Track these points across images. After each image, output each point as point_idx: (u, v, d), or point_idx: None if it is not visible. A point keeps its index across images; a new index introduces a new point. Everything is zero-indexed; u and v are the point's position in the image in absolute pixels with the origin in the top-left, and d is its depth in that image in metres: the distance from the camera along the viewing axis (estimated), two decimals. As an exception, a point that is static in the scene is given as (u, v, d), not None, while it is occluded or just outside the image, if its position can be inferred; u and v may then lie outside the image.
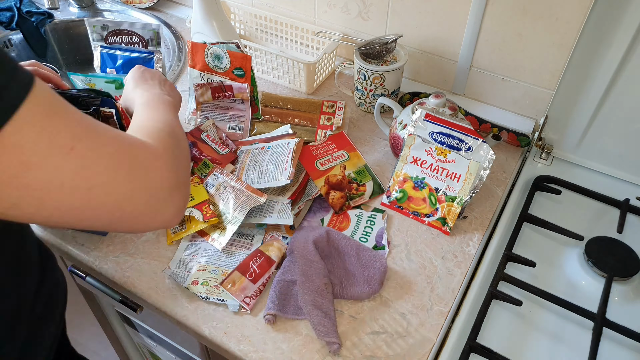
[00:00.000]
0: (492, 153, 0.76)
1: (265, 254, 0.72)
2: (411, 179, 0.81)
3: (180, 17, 1.25)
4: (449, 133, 0.78)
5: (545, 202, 0.85)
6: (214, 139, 0.86)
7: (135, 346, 1.14)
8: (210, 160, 0.82)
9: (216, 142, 0.85)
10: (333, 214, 0.80)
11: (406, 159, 0.81)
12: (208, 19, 0.92)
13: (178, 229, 0.77)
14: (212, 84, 0.90)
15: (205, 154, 0.84)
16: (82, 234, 0.78)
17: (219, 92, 0.91)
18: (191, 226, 0.76)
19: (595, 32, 0.75)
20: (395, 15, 0.96)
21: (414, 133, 0.80)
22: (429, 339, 0.67)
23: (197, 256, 0.74)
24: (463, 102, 0.97)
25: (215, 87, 0.90)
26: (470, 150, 0.77)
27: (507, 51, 0.88)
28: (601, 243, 0.76)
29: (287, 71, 1.02)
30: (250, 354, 0.65)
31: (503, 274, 0.74)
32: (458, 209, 0.78)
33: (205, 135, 0.86)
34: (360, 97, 0.98)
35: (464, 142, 0.77)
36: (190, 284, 0.71)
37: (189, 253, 0.75)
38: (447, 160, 0.78)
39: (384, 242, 0.77)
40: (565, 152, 0.91)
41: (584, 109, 0.84)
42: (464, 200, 0.77)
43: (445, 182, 0.79)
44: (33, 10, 1.16)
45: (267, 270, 0.71)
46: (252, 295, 0.69)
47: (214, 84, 0.90)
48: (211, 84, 0.90)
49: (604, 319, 0.68)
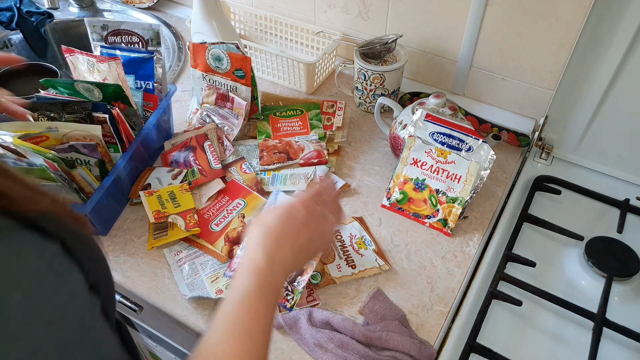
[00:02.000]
0: (492, 153, 0.76)
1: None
2: (411, 180, 0.81)
3: (180, 17, 1.25)
4: (450, 133, 0.78)
5: (545, 202, 0.85)
6: (213, 150, 0.85)
7: (135, 346, 1.13)
8: (200, 171, 0.82)
9: (214, 154, 0.85)
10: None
11: (406, 160, 0.81)
12: (208, 19, 0.92)
13: (160, 234, 0.76)
14: (219, 90, 0.91)
15: (198, 162, 0.83)
16: (82, 234, 0.78)
17: (222, 100, 0.91)
18: (173, 234, 0.76)
19: (595, 32, 0.75)
20: (395, 15, 0.96)
21: (414, 134, 0.80)
22: (429, 339, 0.67)
23: (199, 274, 0.73)
24: (463, 102, 0.97)
25: (222, 94, 0.91)
26: (470, 150, 0.77)
27: (507, 51, 0.88)
28: (601, 243, 0.76)
29: (287, 71, 1.02)
30: (251, 354, 0.65)
31: (503, 274, 0.74)
32: (459, 209, 0.78)
33: (208, 144, 0.85)
34: (360, 97, 0.98)
35: (464, 142, 0.77)
36: (215, 294, 0.70)
37: (187, 274, 0.73)
38: (447, 161, 0.78)
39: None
40: (565, 152, 0.91)
41: (584, 109, 0.84)
42: (465, 200, 0.77)
43: (445, 183, 0.78)
44: (33, 10, 1.16)
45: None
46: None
47: (221, 90, 0.91)
48: (219, 89, 0.91)
49: (604, 319, 0.68)
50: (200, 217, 0.78)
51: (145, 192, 0.79)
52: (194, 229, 0.75)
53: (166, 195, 0.79)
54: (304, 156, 0.88)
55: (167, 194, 0.79)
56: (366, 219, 0.81)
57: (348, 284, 0.72)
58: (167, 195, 0.79)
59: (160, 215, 0.76)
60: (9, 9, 1.14)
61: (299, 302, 0.69)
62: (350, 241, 0.77)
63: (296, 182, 0.84)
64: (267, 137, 0.91)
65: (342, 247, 0.76)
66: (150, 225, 0.78)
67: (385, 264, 0.74)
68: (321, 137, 0.91)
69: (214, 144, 0.86)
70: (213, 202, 0.81)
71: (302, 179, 0.84)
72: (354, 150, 0.93)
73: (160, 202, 0.78)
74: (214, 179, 0.82)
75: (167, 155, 0.87)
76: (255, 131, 0.93)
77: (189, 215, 0.76)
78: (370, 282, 0.73)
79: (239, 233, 0.76)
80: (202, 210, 0.79)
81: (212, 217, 0.79)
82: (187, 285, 0.72)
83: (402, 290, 0.72)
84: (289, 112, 0.96)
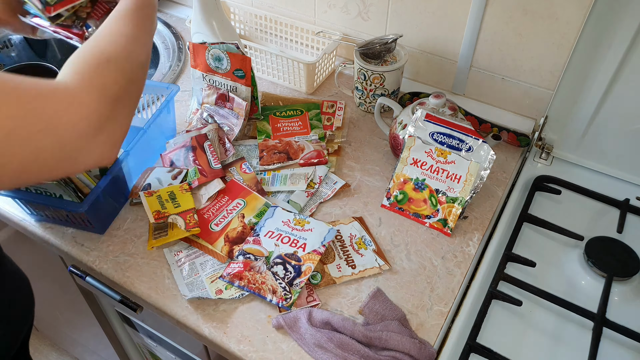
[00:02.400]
0: (492, 153, 0.76)
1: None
2: (411, 180, 0.81)
3: (180, 17, 1.25)
4: (450, 133, 0.78)
5: (545, 202, 0.85)
6: (213, 150, 0.85)
7: (135, 346, 1.14)
8: (199, 171, 0.82)
9: (214, 154, 0.85)
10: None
11: (406, 160, 0.81)
12: (208, 19, 0.92)
13: (160, 234, 0.76)
14: (219, 90, 0.91)
15: (198, 162, 0.83)
16: (82, 234, 0.78)
17: (222, 100, 0.91)
18: (173, 234, 0.75)
19: (595, 32, 0.75)
20: (395, 15, 0.96)
21: (414, 134, 0.80)
22: (429, 339, 0.67)
23: (199, 274, 0.73)
24: (463, 102, 0.97)
25: (222, 94, 0.91)
26: (470, 150, 0.77)
27: (507, 51, 0.88)
28: (601, 243, 0.76)
29: (287, 71, 1.02)
30: (250, 354, 0.65)
31: (503, 274, 0.74)
32: (459, 209, 0.78)
33: (208, 144, 0.85)
34: (360, 97, 0.98)
35: (464, 142, 0.77)
36: (215, 294, 0.70)
37: (187, 274, 0.73)
38: (447, 161, 0.78)
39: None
40: (565, 152, 0.91)
41: (584, 109, 0.84)
42: (465, 201, 0.77)
43: (445, 183, 0.78)
44: (33, 10, 1.16)
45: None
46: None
47: (221, 90, 0.91)
48: (219, 90, 0.91)
49: (604, 319, 0.68)
50: (200, 217, 0.78)
51: (145, 192, 0.79)
52: (193, 229, 0.75)
53: (166, 195, 0.79)
54: (303, 156, 0.88)
55: (167, 194, 0.79)
56: (366, 219, 0.81)
57: (348, 284, 0.72)
58: (167, 195, 0.79)
59: (160, 215, 0.76)
60: (9, 9, 1.14)
61: (298, 302, 0.69)
62: (350, 241, 0.77)
63: (296, 182, 0.84)
64: (267, 137, 0.91)
65: (342, 247, 0.76)
66: (150, 225, 0.78)
67: (385, 263, 0.74)
68: (321, 137, 0.91)
69: (214, 144, 0.86)
70: (213, 202, 0.81)
71: (302, 178, 0.84)
72: (354, 150, 0.93)
73: (160, 202, 0.78)
74: (214, 179, 0.82)
75: (167, 155, 0.87)
76: (255, 131, 0.93)
77: (189, 215, 0.76)
78: (370, 282, 0.73)
79: (239, 233, 0.77)
80: (202, 210, 0.79)
81: (212, 217, 0.79)
82: (187, 286, 0.72)
83: (402, 290, 0.72)
84: (289, 112, 0.96)
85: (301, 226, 0.76)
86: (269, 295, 0.69)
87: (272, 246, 0.74)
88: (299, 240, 0.74)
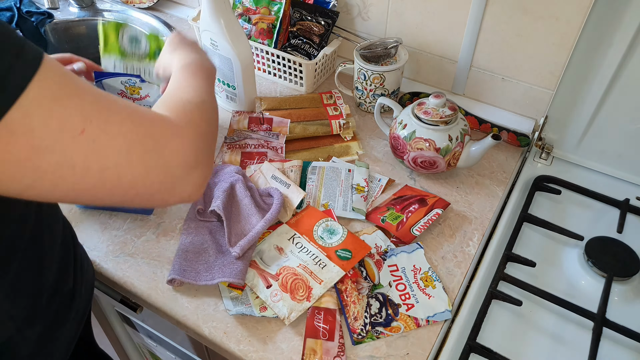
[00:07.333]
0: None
1: (323, 307, 0.68)
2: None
3: (180, 17, 1.25)
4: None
5: (545, 202, 0.85)
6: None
7: (135, 346, 1.14)
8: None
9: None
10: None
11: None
12: (216, 17, 0.92)
13: None
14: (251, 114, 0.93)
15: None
16: (82, 234, 0.78)
17: (256, 123, 0.92)
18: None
19: (595, 32, 0.75)
20: (395, 15, 0.96)
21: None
22: (429, 339, 0.67)
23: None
24: (463, 102, 0.97)
25: (254, 117, 0.92)
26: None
27: (507, 51, 0.88)
28: (601, 243, 0.76)
29: (287, 71, 1.02)
30: (250, 354, 0.65)
31: (503, 274, 0.74)
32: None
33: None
34: (360, 97, 0.98)
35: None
36: (260, 311, 0.68)
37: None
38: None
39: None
40: (565, 152, 0.91)
41: (584, 109, 0.84)
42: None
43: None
44: (33, 10, 1.16)
45: (335, 322, 0.67)
46: (339, 354, 0.64)
47: (253, 114, 0.93)
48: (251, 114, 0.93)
49: (603, 319, 0.68)
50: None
51: None
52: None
53: None
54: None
55: None
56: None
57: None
58: None
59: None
60: (9, 9, 1.14)
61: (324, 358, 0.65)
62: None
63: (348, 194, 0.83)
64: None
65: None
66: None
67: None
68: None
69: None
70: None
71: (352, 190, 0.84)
72: (354, 150, 0.92)
73: None
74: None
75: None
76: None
77: None
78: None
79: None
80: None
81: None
82: (230, 299, 0.70)
83: (402, 290, 0.72)
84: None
85: (425, 284, 0.71)
86: (350, 318, 0.67)
87: (386, 280, 0.72)
88: (411, 297, 0.70)
